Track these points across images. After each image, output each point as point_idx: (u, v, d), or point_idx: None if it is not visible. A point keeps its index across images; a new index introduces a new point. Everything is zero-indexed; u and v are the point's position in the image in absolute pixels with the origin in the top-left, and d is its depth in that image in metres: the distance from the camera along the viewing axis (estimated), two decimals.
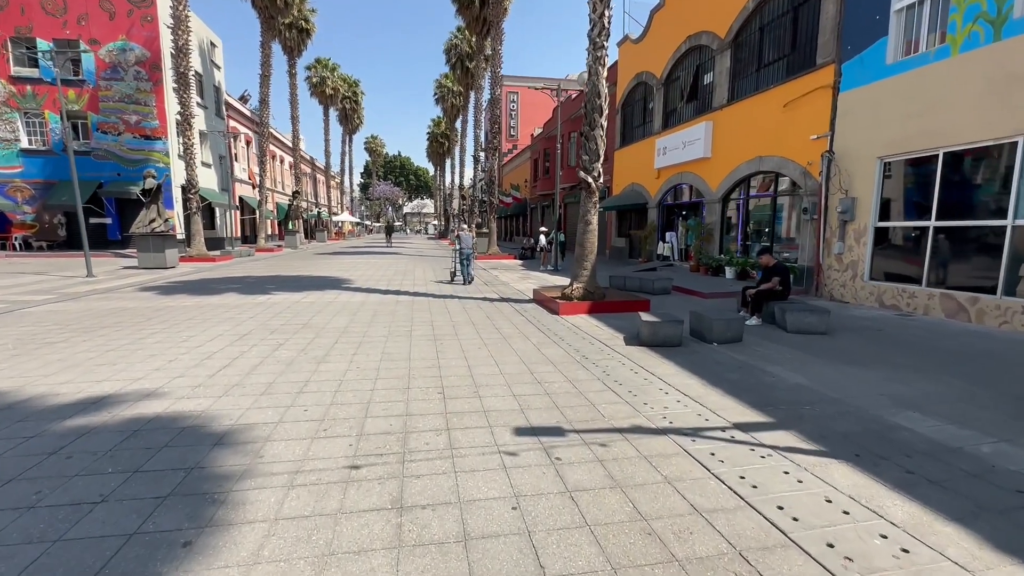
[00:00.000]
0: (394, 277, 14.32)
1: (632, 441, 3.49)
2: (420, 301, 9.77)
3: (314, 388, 4.47)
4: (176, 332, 6.71)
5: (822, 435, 3.60)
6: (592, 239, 9.30)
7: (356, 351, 5.82)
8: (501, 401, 4.23)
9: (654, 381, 4.84)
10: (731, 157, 13.75)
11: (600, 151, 9.19)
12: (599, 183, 9.28)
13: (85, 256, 13.59)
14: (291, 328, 7.04)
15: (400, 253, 26.68)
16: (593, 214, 9.27)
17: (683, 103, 16.45)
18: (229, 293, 10.63)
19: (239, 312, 8.32)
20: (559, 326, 7.50)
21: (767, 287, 7.61)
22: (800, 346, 6.32)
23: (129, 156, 23.38)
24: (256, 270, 16.27)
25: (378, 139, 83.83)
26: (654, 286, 10.97)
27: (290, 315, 8.08)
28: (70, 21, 22.47)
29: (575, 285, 9.21)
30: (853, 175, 9.79)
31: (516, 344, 6.29)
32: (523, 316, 8.35)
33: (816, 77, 10.69)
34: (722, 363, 5.50)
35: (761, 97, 12.55)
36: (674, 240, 17.74)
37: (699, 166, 15.34)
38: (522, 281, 13.74)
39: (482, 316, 8.26)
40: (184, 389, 4.41)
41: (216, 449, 3.25)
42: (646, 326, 6.22)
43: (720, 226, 14.55)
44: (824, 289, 10.48)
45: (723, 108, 14.13)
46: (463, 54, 38.78)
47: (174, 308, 8.69)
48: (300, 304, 9.19)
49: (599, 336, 6.81)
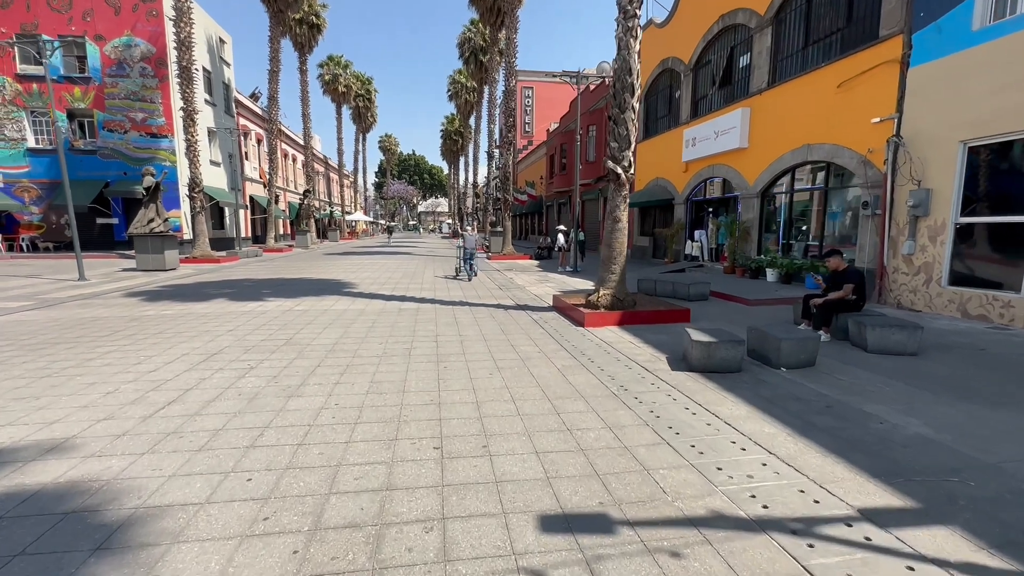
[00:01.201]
0: (400, 280, 13.28)
1: (717, 544, 2.32)
2: (425, 309, 8.69)
3: (271, 439, 3.38)
4: (136, 351, 5.72)
5: (1005, 537, 2.38)
6: (621, 239, 8.10)
7: (340, 378, 4.73)
8: (520, 463, 3.08)
9: (722, 428, 3.65)
10: (772, 146, 12.37)
11: (631, 137, 7.98)
12: (629, 174, 8.07)
13: (77, 259, 12.84)
14: (270, 345, 6.00)
15: (411, 253, 25.72)
16: (623, 210, 8.06)
17: (715, 89, 15.08)
18: (219, 299, 9.68)
19: (220, 323, 7.32)
20: (586, 342, 6.33)
21: (838, 296, 6.31)
22: (892, 372, 5.05)
23: (135, 155, 22.82)
24: (258, 272, 15.40)
25: (392, 138, 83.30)
26: (689, 291, 9.71)
27: (276, 327, 7.06)
28: (75, 17, 21.96)
29: (602, 292, 8.02)
30: (927, 163, 8.39)
31: (536, 368, 5.14)
32: (542, 328, 7.19)
33: (879, 51, 9.30)
34: (803, 399, 4.27)
35: (809, 78, 11.16)
36: (704, 239, 16.38)
37: (734, 157, 13.97)
38: (539, 284, 12.58)
39: (495, 328, 7.12)
40: (102, 440, 3.36)
41: (91, 562, 2.17)
42: (697, 347, 5.01)
43: (759, 223, 13.18)
44: (889, 295, 9.10)
45: (762, 92, 12.75)
46: (476, 48, 37.75)
47: (150, 318, 7.75)
48: (291, 313, 8.17)
49: (636, 356, 5.62)
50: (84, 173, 22.69)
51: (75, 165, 22.69)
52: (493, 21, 27.35)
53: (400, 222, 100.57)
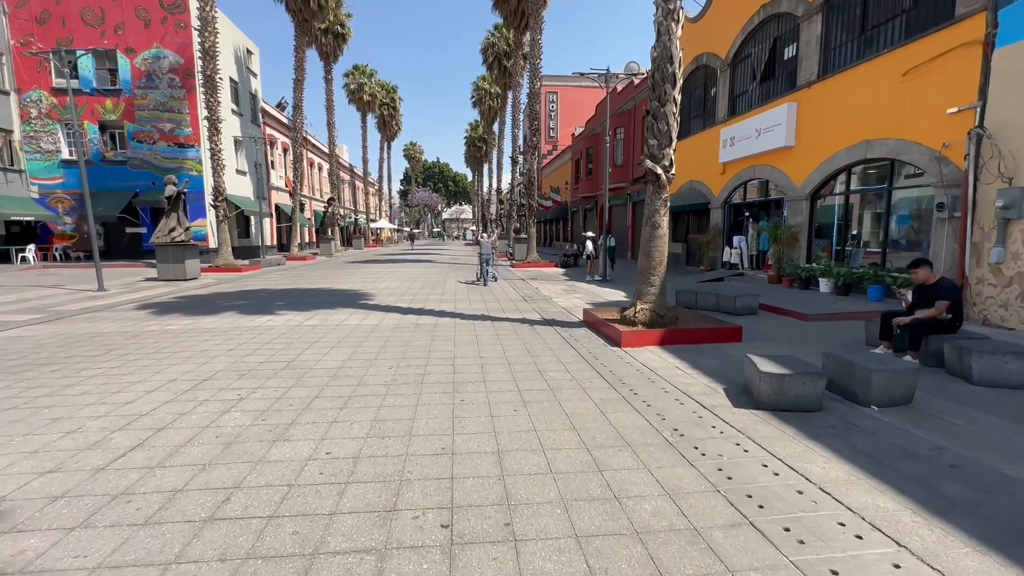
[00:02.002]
0: (420, 290, 12.65)
1: None
2: (444, 325, 7.97)
3: (237, 508, 2.67)
4: (121, 376, 5.16)
5: None
6: (661, 247, 7.23)
7: (337, 415, 4.02)
8: (556, 556, 2.28)
9: (819, 499, 2.76)
10: (823, 144, 11.27)
11: (673, 133, 7.12)
12: (670, 174, 7.21)
13: (96, 269, 12.68)
14: (268, 370, 5.36)
15: (434, 261, 25.23)
16: (663, 215, 7.19)
17: (756, 85, 14.03)
18: (229, 312, 9.21)
19: (222, 341, 6.77)
20: (625, 367, 5.48)
21: (930, 315, 5.29)
22: (1017, 414, 4.04)
23: (163, 165, 23.04)
24: (276, 282, 15.04)
25: (417, 146, 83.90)
26: (736, 304, 8.72)
27: (280, 346, 6.44)
28: (107, 31, 22.41)
29: (639, 306, 7.14)
30: (1020, 157, 7.24)
31: (570, 403, 4.33)
32: (573, 348, 6.37)
33: (955, 32, 8.20)
34: (915, 454, 3.33)
35: (867, 67, 10.06)
36: (743, 245, 15.26)
37: (778, 157, 12.88)
38: (567, 295, 11.74)
39: (520, 349, 6.34)
40: (33, 504, 2.71)
41: None
42: (767, 380, 4.11)
43: (808, 228, 12.04)
44: (972, 310, 7.91)
45: (811, 86, 11.67)
46: (500, 52, 37.31)
47: (152, 335, 7.26)
48: (299, 329, 7.57)
49: (688, 387, 4.75)
50: (114, 183, 23.07)
51: (106, 176, 23.12)
52: (517, 24, 26.84)
53: (425, 229, 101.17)
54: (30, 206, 22.49)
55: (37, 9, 21.93)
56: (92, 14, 22.25)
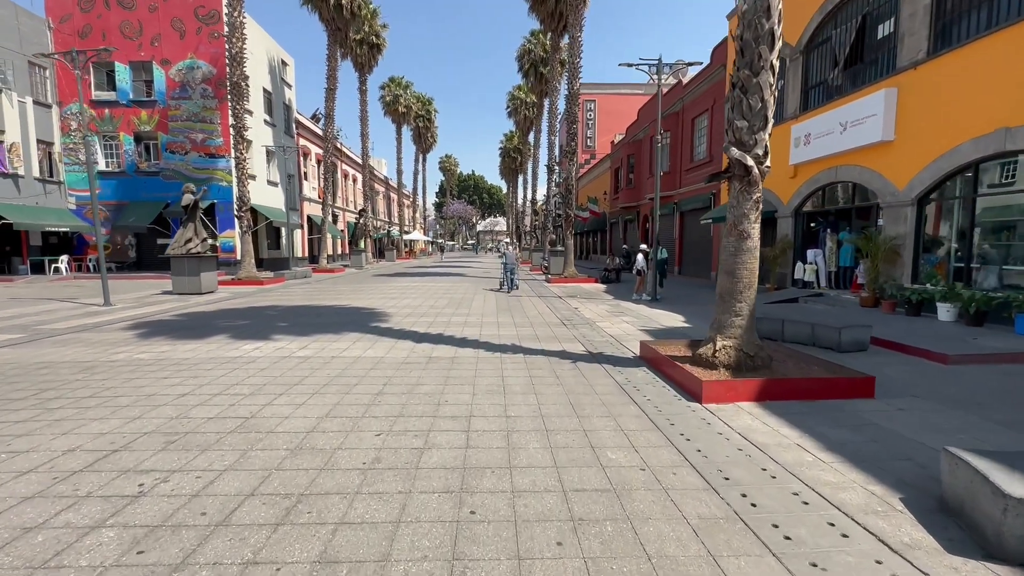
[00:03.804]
0: (443, 309, 11.13)
1: None
2: (464, 360, 6.36)
3: None
4: (17, 436, 3.79)
5: None
6: (751, 263, 5.41)
7: (267, 540, 2.43)
8: None
9: None
10: (936, 136, 9.11)
11: (768, 111, 5.33)
12: (764, 166, 5.40)
13: (103, 282, 11.84)
14: (211, 433, 3.86)
15: (464, 275, 23.84)
16: (754, 220, 5.38)
17: (838, 72, 11.94)
18: (219, 336, 7.93)
19: (181, 381, 5.38)
20: (719, 444, 3.68)
21: None
22: None
23: (194, 175, 22.75)
24: (292, 297, 13.91)
25: (452, 159, 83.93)
26: (841, 338, 6.71)
27: (246, 391, 4.98)
28: (144, 43, 22.46)
29: (720, 342, 5.32)
30: None
31: (650, 527, 2.59)
32: (635, 404, 4.62)
33: None
34: None
35: (1002, 37, 7.94)
36: (820, 260, 13.02)
37: (871, 155, 10.72)
38: (614, 319, 9.94)
39: (561, 402, 4.64)
40: None
41: None
42: (1006, 507, 2.25)
43: (914, 239, 9.81)
44: None
45: (918, 66, 9.56)
46: (537, 59, 36.12)
47: (109, 367, 5.99)
48: (285, 363, 6.13)
49: (836, 494, 2.91)
50: (147, 194, 22.96)
51: (139, 187, 23.07)
52: (555, 27, 25.54)
53: (459, 240, 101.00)
54: (67, 217, 22.62)
55: (80, 23, 22.21)
56: (130, 27, 22.36)
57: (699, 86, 20.14)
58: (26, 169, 21.77)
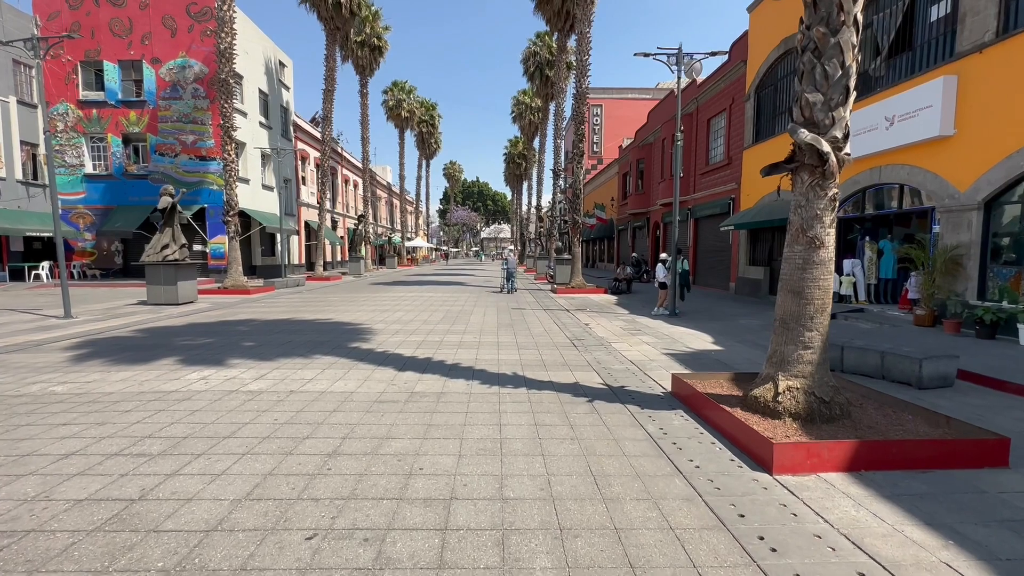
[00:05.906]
0: (437, 326, 9.88)
1: None
2: (453, 396, 5.09)
3: None
4: None
5: None
6: (824, 279, 4.15)
7: None
8: None
9: None
10: (1009, 129, 7.83)
11: (850, 82, 4.08)
12: (843, 154, 4.14)
13: (63, 293, 10.69)
14: (56, 539, 2.62)
15: (465, 284, 22.60)
16: (829, 223, 4.14)
17: (882, 60, 10.69)
18: (166, 361, 6.71)
19: (80, 431, 4.15)
20: (812, 549, 2.38)
21: None
22: None
23: (185, 178, 21.77)
24: (273, 310, 12.72)
25: (456, 165, 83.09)
26: (922, 372, 5.39)
27: (156, 449, 3.74)
28: (135, 41, 21.58)
29: (784, 382, 4.04)
30: None
31: None
32: (679, 473, 3.33)
33: None
34: None
35: None
36: (858, 272, 11.70)
37: (924, 152, 9.44)
38: (630, 338, 8.65)
39: (577, 469, 3.36)
40: None
41: None
42: None
43: (981, 249, 8.48)
44: None
45: (983, 50, 8.30)
46: (542, 62, 35.11)
47: (6, 406, 4.77)
48: (225, 402, 4.88)
49: None
50: (135, 198, 21.96)
51: (127, 190, 22.10)
52: (561, 27, 24.58)
53: (463, 247, 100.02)
54: (50, 221, 21.60)
55: (67, 21, 21.34)
56: (120, 24, 21.49)
57: (715, 84, 18.94)
58: (8, 171, 20.83)
